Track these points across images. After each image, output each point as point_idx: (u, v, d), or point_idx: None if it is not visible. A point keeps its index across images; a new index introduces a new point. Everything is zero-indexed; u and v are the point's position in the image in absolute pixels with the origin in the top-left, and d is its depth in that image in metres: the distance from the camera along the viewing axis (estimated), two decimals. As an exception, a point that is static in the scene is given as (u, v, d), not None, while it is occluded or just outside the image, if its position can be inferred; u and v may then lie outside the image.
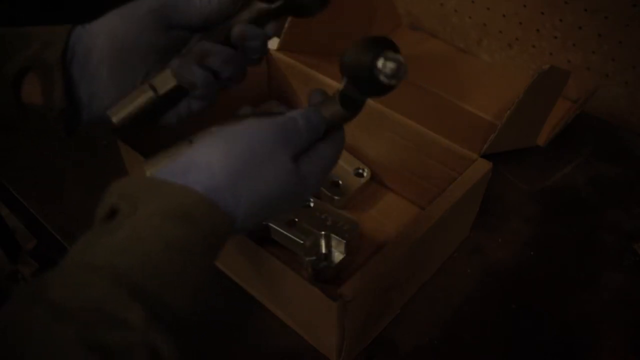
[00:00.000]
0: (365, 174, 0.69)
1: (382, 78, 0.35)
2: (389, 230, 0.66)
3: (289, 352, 0.56)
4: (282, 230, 0.61)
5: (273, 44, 0.79)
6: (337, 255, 0.60)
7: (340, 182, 0.68)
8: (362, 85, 0.37)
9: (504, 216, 0.69)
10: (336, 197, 0.67)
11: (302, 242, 0.60)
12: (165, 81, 0.45)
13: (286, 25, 0.73)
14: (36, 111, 0.43)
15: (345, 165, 0.70)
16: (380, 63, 0.35)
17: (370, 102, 0.67)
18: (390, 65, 0.35)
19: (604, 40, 0.76)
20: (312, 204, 0.63)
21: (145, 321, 0.27)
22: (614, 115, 0.81)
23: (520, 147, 0.74)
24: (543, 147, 0.76)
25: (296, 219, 0.61)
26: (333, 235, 0.60)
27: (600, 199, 0.71)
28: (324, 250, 0.60)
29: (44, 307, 0.26)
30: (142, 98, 0.44)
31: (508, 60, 0.87)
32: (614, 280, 0.62)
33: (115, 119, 0.44)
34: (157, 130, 0.65)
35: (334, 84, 0.70)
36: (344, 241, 0.60)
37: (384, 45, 0.36)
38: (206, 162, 0.33)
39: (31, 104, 0.43)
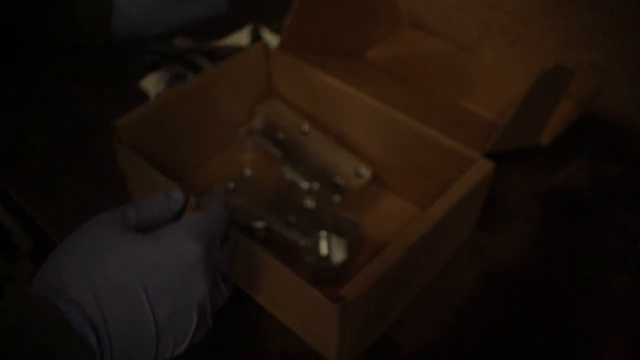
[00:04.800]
0: (365, 174, 0.69)
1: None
2: (390, 230, 0.65)
3: (288, 355, 0.55)
4: (282, 231, 0.60)
5: (273, 42, 0.79)
6: (338, 256, 0.59)
7: (341, 182, 0.68)
8: None
9: (506, 216, 0.68)
10: (336, 197, 0.66)
11: (302, 242, 0.59)
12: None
13: (287, 23, 0.73)
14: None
15: (346, 165, 0.69)
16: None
17: (371, 101, 0.66)
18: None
19: (608, 39, 0.75)
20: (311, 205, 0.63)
21: None
22: (618, 114, 0.81)
23: (523, 146, 0.73)
24: (546, 147, 0.75)
25: (296, 220, 0.61)
26: (333, 236, 0.59)
27: (605, 199, 0.71)
28: (324, 251, 0.59)
29: None
30: None
31: (511, 58, 0.86)
32: (619, 281, 0.62)
33: None
34: (156, 132, 0.65)
35: (334, 83, 0.69)
36: (345, 242, 0.59)
37: None
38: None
39: None
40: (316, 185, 0.67)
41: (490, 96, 0.82)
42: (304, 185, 0.67)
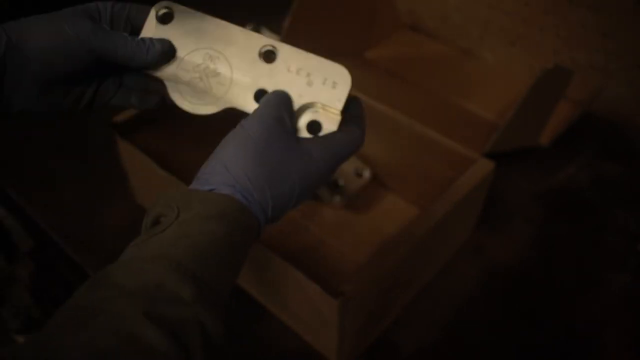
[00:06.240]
0: (366, 175, 0.69)
1: None
2: (390, 230, 0.65)
3: (288, 354, 0.55)
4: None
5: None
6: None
7: (341, 182, 0.68)
8: None
9: (506, 216, 0.68)
10: (336, 198, 0.66)
11: None
12: None
13: (287, 24, 0.73)
14: None
15: (346, 165, 0.69)
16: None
17: (372, 102, 0.66)
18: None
19: (608, 39, 0.75)
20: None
21: (195, 298, 0.31)
22: (618, 114, 0.81)
23: (523, 146, 0.73)
24: (546, 147, 0.75)
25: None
26: (307, 105, 0.40)
27: (605, 199, 0.71)
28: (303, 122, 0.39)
29: (108, 288, 0.30)
30: None
31: (511, 58, 0.86)
32: (619, 281, 0.62)
33: None
34: (159, 128, 0.65)
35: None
36: (318, 111, 0.40)
37: None
38: (222, 164, 0.38)
39: None
40: None
41: (490, 96, 0.82)
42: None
